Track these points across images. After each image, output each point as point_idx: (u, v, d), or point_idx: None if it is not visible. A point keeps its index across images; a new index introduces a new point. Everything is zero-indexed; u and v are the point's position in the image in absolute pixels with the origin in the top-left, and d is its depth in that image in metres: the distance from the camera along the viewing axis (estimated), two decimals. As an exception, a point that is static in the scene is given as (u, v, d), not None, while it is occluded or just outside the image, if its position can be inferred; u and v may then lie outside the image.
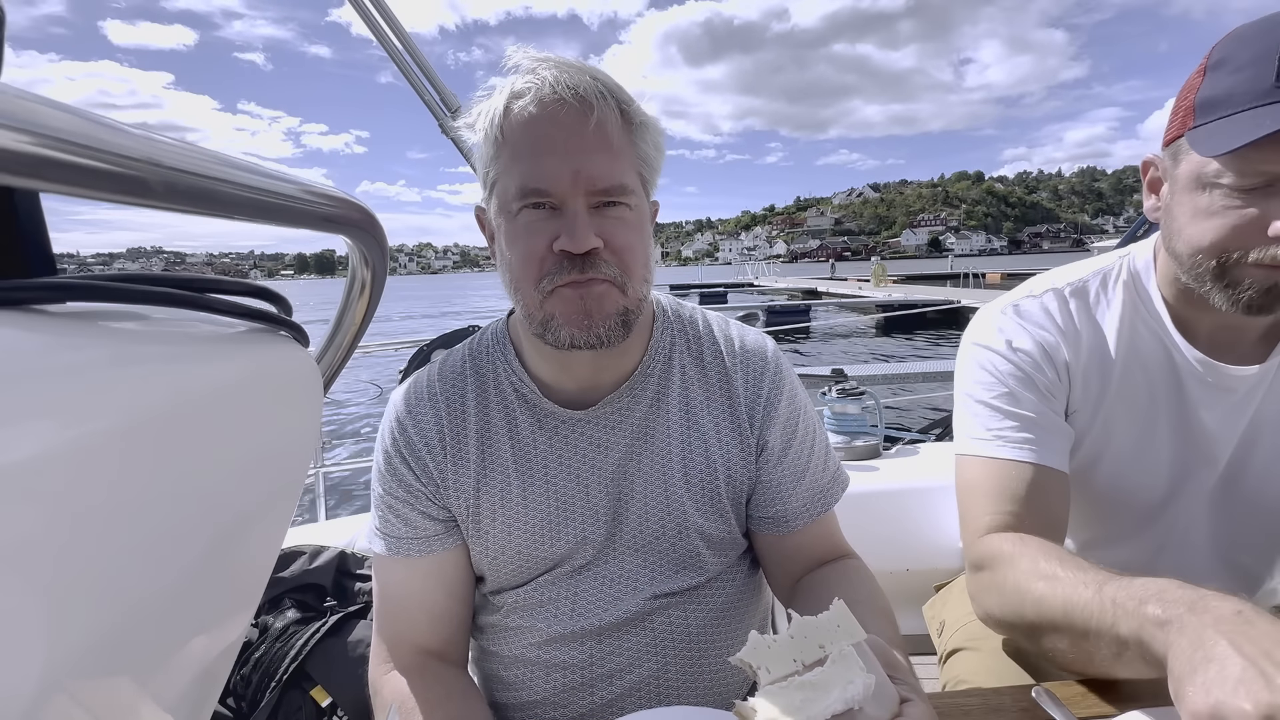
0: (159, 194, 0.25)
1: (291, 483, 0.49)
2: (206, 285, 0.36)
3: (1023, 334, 0.90)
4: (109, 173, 0.24)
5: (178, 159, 0.26)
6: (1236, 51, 0.72)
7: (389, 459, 0.84)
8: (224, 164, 0.29)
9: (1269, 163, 0.69)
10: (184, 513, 0.36)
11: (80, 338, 0.29)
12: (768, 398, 0.86)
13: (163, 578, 0.37)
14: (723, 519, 0.85)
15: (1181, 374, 0.86)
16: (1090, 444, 0.91)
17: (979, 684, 0.84)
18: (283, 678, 1.36)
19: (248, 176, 0.32)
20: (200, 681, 0.48)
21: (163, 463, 0.33)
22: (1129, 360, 0.88)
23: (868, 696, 0.46)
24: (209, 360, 0.36)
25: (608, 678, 0.81)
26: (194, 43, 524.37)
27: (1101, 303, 0.91)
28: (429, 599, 0.84)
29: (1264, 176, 0.70)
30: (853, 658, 0.47)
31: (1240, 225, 0.72)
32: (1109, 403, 0.89)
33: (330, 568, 1.62)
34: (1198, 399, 0.86)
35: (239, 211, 0.31)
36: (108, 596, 0.32)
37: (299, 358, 0.45)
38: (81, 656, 0.32)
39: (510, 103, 0.71)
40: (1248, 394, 0.84)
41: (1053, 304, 0.91)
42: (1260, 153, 0.68)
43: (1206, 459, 0.88)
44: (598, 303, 0.72)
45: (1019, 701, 0.68)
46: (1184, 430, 0.88)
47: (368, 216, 0.46)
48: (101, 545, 0.30)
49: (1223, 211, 0.73)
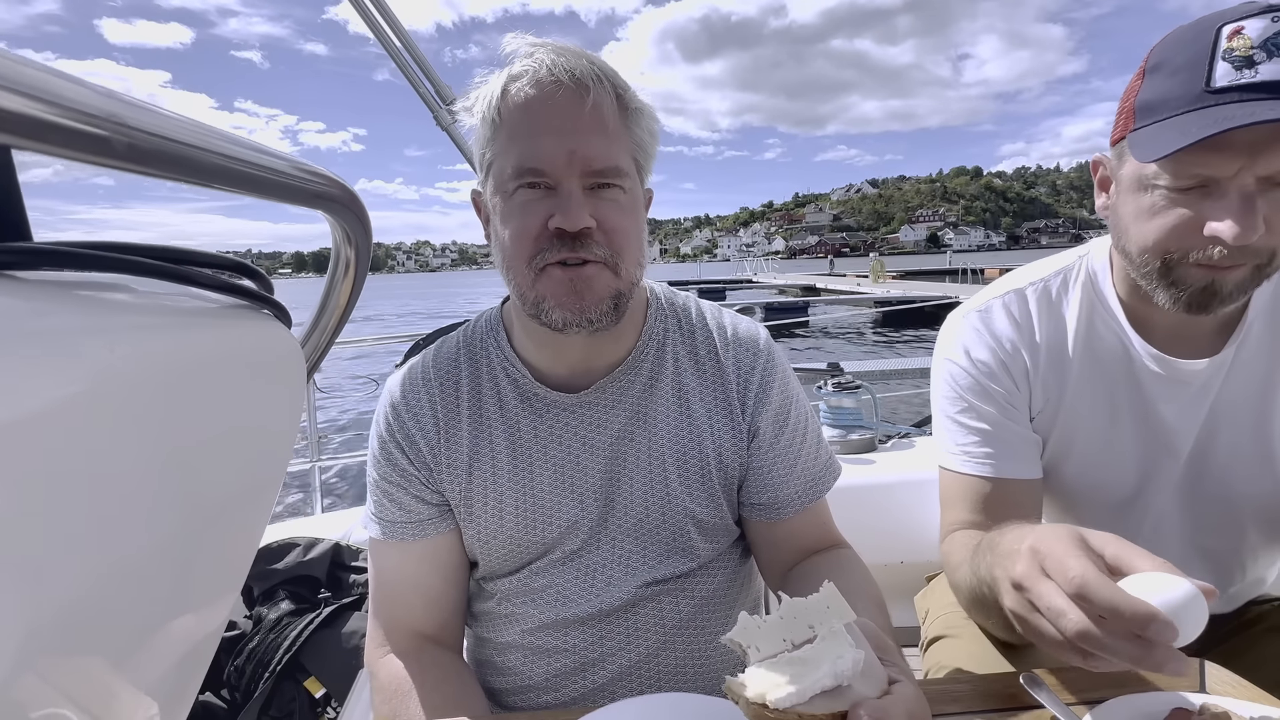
0: (122, 154, 0.25)
1: (274, 465, 0.48)
2: (184, 257, 0.35)
3: (980, 344, 0.93)
4: (76, 130, 0.23)
5: (146, 120, 0.26)
6: (1172, 55, 0.73)
7: (384, 444, 0.85)
8: (196, 129, 0.29)
9: (1201, 166, 0.70)
10: (156, 489, 0.36)
11: (49, 304, 0.28)
12: (760, 385, 0.86)
13: (137, 555, 0.36)
14: (714, 505, 0.85)
15: (1138, 369, 0.88)
16: (1056, 442, 0.93)
17: (957, 670, 0.85)
18: (276, 668, 1.36)
19: (222, 144, 0.31)
20: (181, 667, 0.47)
21: (133, 434, 0.32)
22: (1088, 358, 0.90)
23: (856, 673, 0.46)
24: (184, 331, 0.35)
25: (599, 663, 0.81)
26: (190, 41, 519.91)
27: (1062, 301, 0.92)
28: (424, 583, 0.85)
29: (1197, 179, 0.72)
30: (842, 635, 0.47)
31: (1178, 226, 0.74)
32: (1069, 401, 0.91)
33: (325, 560, 1.62)
34: (1155, 393, 0.87)
35: (211, 178, 0.31)
36: (79, 571, 0.32)
37: (280, 336, 0.44)
38: (51, 635, 0.32)
39: (508, 85, 0.72)
40: (1203, 386, 0.85)
41: (1015, 305, 0.93)
42: (1193, 156, 0.69)
43: (1169, 451, 0.89)
44: (588, 285, 0.72)
45: (1007, 687, 0.68)
46: (1145, 424, 0.89)
47: (348, 193, 0.46)
48: (65, 517, 0.29)
49: (1163, 212, 0.75)
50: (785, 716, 0.44)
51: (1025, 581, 0.57)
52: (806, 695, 0.44)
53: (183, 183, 0.29)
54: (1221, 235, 0.70)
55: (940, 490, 0.97)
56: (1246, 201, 0.70)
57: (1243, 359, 0.84)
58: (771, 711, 0.44)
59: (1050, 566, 0.55)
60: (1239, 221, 0.69)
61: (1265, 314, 0.84)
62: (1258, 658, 0.91)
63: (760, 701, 0.45)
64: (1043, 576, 0.56)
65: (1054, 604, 0.53)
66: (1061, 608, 0.53)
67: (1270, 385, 0.84)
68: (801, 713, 0.44)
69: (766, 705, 0.44)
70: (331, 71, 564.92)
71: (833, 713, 0.44)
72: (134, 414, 0.32)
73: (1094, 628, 0.51)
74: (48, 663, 0.32)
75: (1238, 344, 0.83)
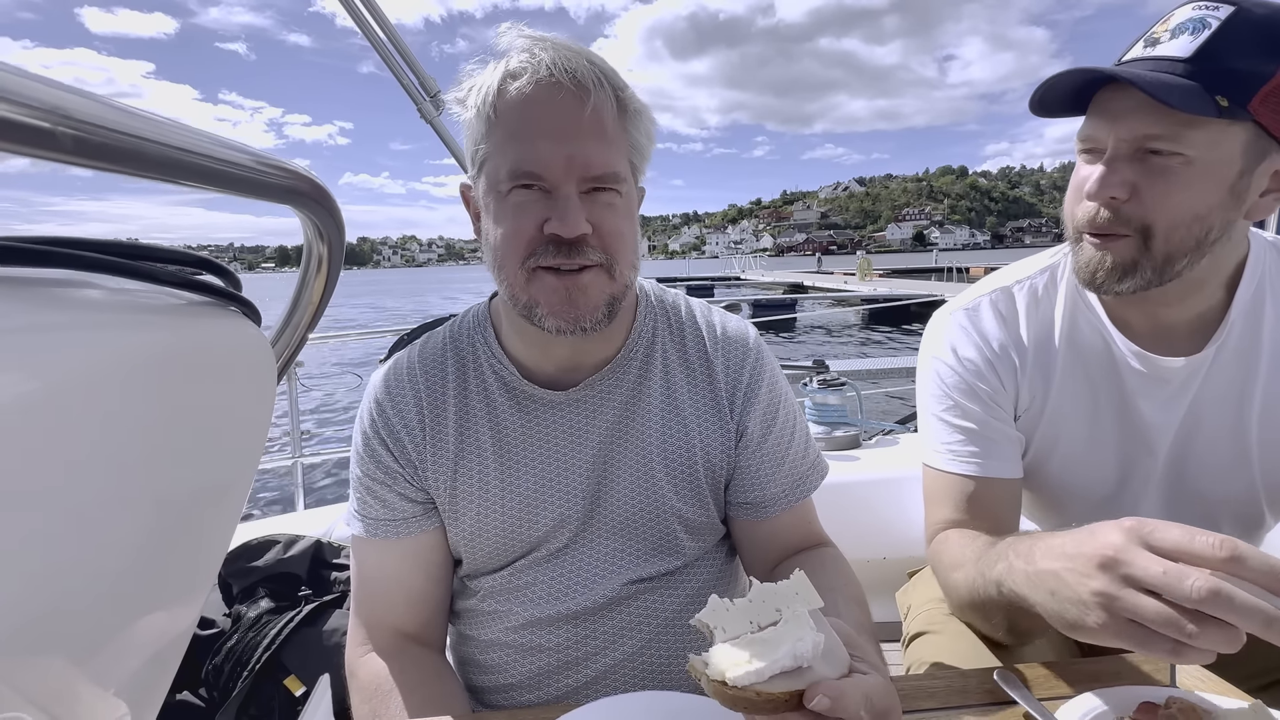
0: (69, 148, 0.24)
1: (244, 464, 0.47)
2: (144, 253, 0.34)
3: (968, 343, 0.93)
4: (14, 122, 0.22)
5: (93, 113, 0.25)
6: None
7: (367, 440, 0.84)
8: (151, 122, 0.28)
9: (1087, 129, 0.79)
10: (119, 489, 0.35)
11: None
12: (748, 384, 0.86)
13: (101, 556, 0.35)
14: (701, 504, 0.85)
15: (1119, 365, 0.88)
16: (1041, 440, 0.94)
17: (938, 665, 0.86)
18: (255, 667, 1.35)
19: (181, 137, 0.30)
20: (150, 667, 0.46)
21: (91, 433, 0.31)
22: (1071, 354, 0.91)
23: (817, 655, 0.47)
24: (144, 330, 0.34)
25: (584, 661, 0.81)
26: (174, 31, 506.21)
27: (1047, 299, 0.93)
28: (407, 581, 0.84)
29: (1087, 142, 0.80)
30: (804, 619, 0.48)
31: (1075, 189, 0.81)
32: (1054, 399, 0.91)
33: (306, 557, 1.61)
34: (1135, 389, 0.88)
35: (170, 173, 0.30)
36: (42, 571, 0.31)
37: (249, 334, 0.44)
38: (13, 636, 0.31)
39: (505, 82, 0.70)
40: (1182, 385, 0.86)
41: (1002, 303, 0.94)
42: (1086, 124, 0.79)
43: (1149, 448, 0.90)
44: (584, 293, 0.72)
45: (983, 684, 0.68)
46: (1126, 421, 0.90)
47: (318, 188, 0.45)
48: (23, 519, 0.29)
49: (1073, 180, 0.82)
50: (744, 694, 0.45)
51: (1124, 555, 0.53)
52: (766, 675, 0.45)
53: (139, 178, 0.28)
54: (1086, 188, 0.77)
55: (925, 488, 0.97)
56: (1112, 160, 0.76)
57: (1222, 358, 0.85)
58: (731, 689, 0.45)
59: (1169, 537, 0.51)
60: (1101, 177, 0.76)
61: (1245, 314, 0.84)
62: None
63: (720, 679, 0.45)
64: (1146, 551, 0.52)
65: (1168, 569, 0.50)
66: (1181, 571, 0.49)
67: (1247, 385, 0.85)
68: (760, 691, 0.45)
69: (726, 683, 0.45)
70: (317, 64, 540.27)
71: (790, 691, 0.45)
72: (91, 413, 0.31)
73: (1226, 588, 0.47)
74: (9, 664, 0.31)
75: (1218, 344, 0.84)
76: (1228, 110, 0.69)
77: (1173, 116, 0.70)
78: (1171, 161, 0.73)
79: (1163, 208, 0.74)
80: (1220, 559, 0.48)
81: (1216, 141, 0.71)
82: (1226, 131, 0.71)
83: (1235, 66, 0.69)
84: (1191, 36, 0.71)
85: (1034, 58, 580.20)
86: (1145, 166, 0.74)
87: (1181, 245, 0.75)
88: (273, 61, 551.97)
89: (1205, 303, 0.84)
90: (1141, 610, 0.51)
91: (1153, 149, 0.73)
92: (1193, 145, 0.71)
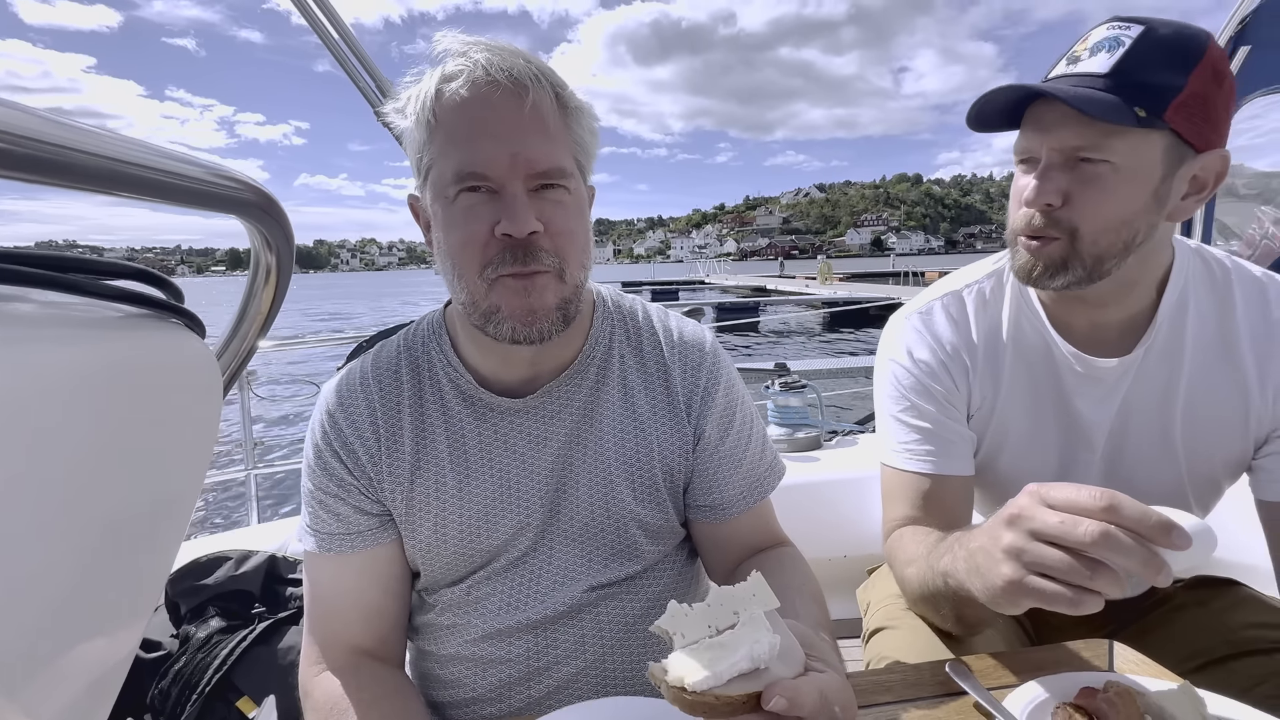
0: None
1: (188, 480, 0.46)
2: (75, 265, 0.33)
3: (922, 345, 0.98)
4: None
5: (19, 124, 0.24)
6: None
7: (319, 453, 0.81)
8: (78, 132, 0.27)
9: (1023, 141, 0.84)
10: (50, 510, 0.33)
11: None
12: (705, 388, 0.87)
13: (31, 579, 0.34)
14: (660, 508, 0.86)
15: (1059, 365, 0.93)
16: (992, 437, 0.98)
17: (898, 660, 0.88)
18: (205, 689, 1.29)
19: (119, 148, 0.29)
20: (87, 696, 0.44)
21: (16, 455, 0.30)
22: (1016, 355, 0.96)
23: (773, 656, 0.48)
24: (74, 345, 0.33)
25: (545, 671, 0.80)
26: (118, 24, 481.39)
27: (994, 302, 0.98)
28: (363, 596, 0.82)
29: (1024, 153, 0.85)
30: (761, 620, 0.49)
31: (1016, 197, 0.86)
32: (1003, 398, 0.96)
33: (259, 573, 1.55)
34: (1072, 388, 0.93)
35: (104, 184, 0.29)
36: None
37: (191, 346, 0.42)
38: None
39: (441, 86, 0.69)
40: (1115, 384, 0.92)
41: (953, 307, 0.99)
42: (1021, 137, 0.85)
43: (1086, 444, 0.95)
44: (540, 296, 0.71)
45: (936, 676, 0.71)
46: (1065, 418, 0.95)
47: (265, 197, 0.43)
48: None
49: (1013, 190, 0.88)
50: (704, 699, 0.45)
51: (1027, 511, 0.59)
52: (724, 678, 0.46)
53: (67, 189, 0.27)
54: (1025, 195, 0.83)
55: (882, 486, 1.00)
56: (1045, 170, 0.81)
57: (1150, 359, 0.90)
58: (690, 694, 0.46)
59: (1061, 494, 0.57)
60: (1037, 186, 0.81)
61: (1170, 317, 0.89)
62: (1164, 636, 0.97)
63: (679, 685, 0.46)
64: (1045, 507, 0.58)
65: (1064, 518, 0.55)
66: (1075, 519, 0.54)
67: (1172, 384, 0.90)
68: (719, 695, 0.46)
69: (685, 689, 0.46)
70: (271, 61, 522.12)
71: (748, 693, 0.46)
72: (18, 432, 0.29)
73: (1114, 529, 0.52)
74: None
75: (1147, 345, 0.89)
76: (1146, 120, 0.74)
77: (1096, 127, 0.76)
78: (1100, 169, 0.78)
79: (1093, 213, 0.79)
80: (1100, 508, 0.54)
81: (1137, 149, 0.77)
82: (1147, 139, 0.76)
83: (1149, 80, 0.75)
84: (1108, 54, 0.77)
85: (983, 71, 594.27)
86: (1077, 174, 0.80)
87: (1110, 246, 0.81)
88: (223, 58, 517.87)
89: (1136, 305, 0.89)
90: (1045, 558, 0.57)
91: (1083, 157, 0.79)
92: (1116, 153, 0.77)
